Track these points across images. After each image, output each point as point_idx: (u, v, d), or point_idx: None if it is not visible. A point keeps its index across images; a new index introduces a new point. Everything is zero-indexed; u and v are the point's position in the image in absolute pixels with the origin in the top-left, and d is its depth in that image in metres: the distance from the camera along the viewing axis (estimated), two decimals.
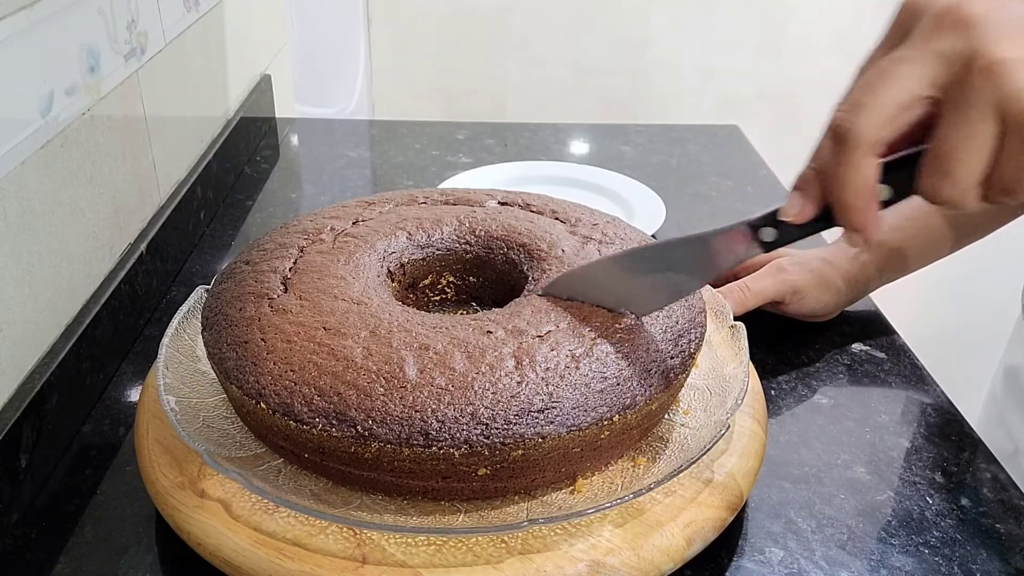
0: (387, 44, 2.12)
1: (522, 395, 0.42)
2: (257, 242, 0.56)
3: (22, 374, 0.54)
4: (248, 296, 0.49)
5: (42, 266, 0.56)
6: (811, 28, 2.10)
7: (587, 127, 1.18)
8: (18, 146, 0.53)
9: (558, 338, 0.45)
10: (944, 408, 0.62)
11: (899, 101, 0.34)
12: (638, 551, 0.44)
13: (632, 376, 0.45)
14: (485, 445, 0.42)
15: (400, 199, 0.61)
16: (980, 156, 0.33)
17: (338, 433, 0.42)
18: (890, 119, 0.34)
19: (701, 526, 0.46)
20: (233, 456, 0.47)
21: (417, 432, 0.41)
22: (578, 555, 0.43)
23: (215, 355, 0.47)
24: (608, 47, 2.12)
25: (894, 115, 0.34)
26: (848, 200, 0.36)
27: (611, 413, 0.44)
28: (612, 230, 0.56)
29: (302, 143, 1.11)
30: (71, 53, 0.60)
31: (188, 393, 0.51)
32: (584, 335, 0.46)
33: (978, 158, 0.33)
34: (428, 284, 0.57)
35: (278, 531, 0.44)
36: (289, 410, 0.43)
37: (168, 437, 0.50)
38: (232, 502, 0.46)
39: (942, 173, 0.34)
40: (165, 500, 0.47)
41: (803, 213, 0.38)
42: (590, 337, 0.46)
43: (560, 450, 0.43)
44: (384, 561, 0.42)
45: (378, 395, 0.42)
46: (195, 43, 0.85)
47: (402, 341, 0.45)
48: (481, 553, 0.43)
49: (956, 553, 0.49)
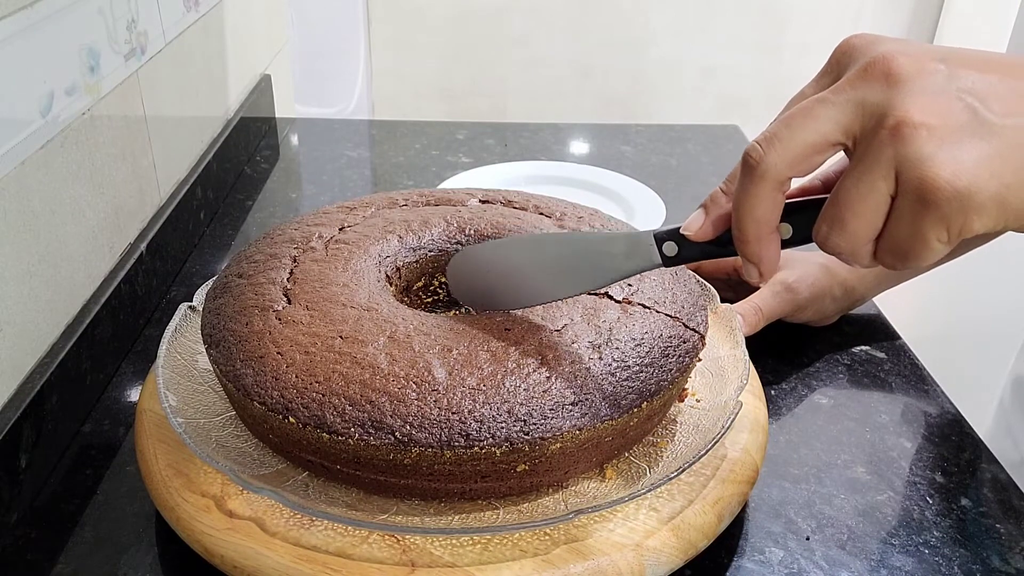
0: (387, 44, 2.12)
1: (553, 389, 0.43)
2: (243, 254, 0.55)
3: (22, 374, 0.54)
4: (251, 310, 0.48)
5: (42, 266, 0.56)
6: (811, 28, 2.11)
7: (587, 127, 1.18)
8: (18, 146, 0.53)
9: (576, 331, 0.46)
10: (944, 408, 0.62)
11: (811, 142, 0.33)
12: (676, 532, 0.45)
13: (652, 362, 0.46)
14: (526, 441, 0.42)
15: (381, 202, 0.60)
16: (874, 213, 0.32)
17: (376, 441, 0.42)
18: (800, 158, 0.34)
19: (728, 502, 0.47)
20: (256, 474, 0.46)
21: (457, 434, 0.42)
22: (621, 540, 0.44)
23: (229, 373, 0.46)
24: (608, 47, 2.13)
25: (805, 155, 0.34)
26: (747, 230, 0.36)
27: (640, 400, 0.45)
28: (597, 222, 0.57)
29: (302, 143, 1.11)
30: (71, 53, 0.60)
31: (194, 414, 0.50)
32: (599, 326, 0.47)
33: (872, 215, 0.32)
34: (421, 286, 0.57)
35: (320, 544, 0.43)
36: (321, 422, 0.42)
37: (180, 460, 0.48)
38: (265, 520, 0.45)
39: (836, 223, 0.33)
40: (191, 526, 0.45)
41: (701, 232, 0.38)
42: (605, 327, 0.47)
43: (594, 440, 0.44)
44: (433, 564, 0.42)
45: (412, 400, 0.42)
46: (195, 43, 0.85)
47: (423, 344, 0.45)
48: (527, 547, 0.43)
49: (956, 553, 0.49)
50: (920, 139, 0.31)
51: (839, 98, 0.33)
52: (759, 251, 0.36)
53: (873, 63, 0.32)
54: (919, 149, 0.31)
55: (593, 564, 0.43)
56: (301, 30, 1.41)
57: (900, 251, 0.33)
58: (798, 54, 2.12)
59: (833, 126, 0.33)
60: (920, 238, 0.32)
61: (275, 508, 0.45)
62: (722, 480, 0.48)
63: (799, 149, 0.34)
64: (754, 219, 0.35)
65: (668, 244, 0.40)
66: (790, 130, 0.34)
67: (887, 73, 0.32)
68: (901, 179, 0.31)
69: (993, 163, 0.31)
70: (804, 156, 0.34)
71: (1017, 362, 0.79)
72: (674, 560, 0.44)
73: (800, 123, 0.34)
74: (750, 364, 0.54)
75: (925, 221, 0.31)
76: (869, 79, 0.32)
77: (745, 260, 0.37)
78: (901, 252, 0.33)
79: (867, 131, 0.32)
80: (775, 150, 0.34)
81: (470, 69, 2.15)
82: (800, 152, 0.34)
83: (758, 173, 0.34)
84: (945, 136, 0.31)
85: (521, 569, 0.42)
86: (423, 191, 0.62)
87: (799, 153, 0.34)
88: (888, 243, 0.33)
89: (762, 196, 0.35)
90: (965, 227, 0.31)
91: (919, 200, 0.31)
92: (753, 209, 0.35)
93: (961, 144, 0.31)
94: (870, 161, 0.32)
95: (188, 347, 0.55)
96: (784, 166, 0.34)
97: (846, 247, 0.34)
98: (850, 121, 0.33)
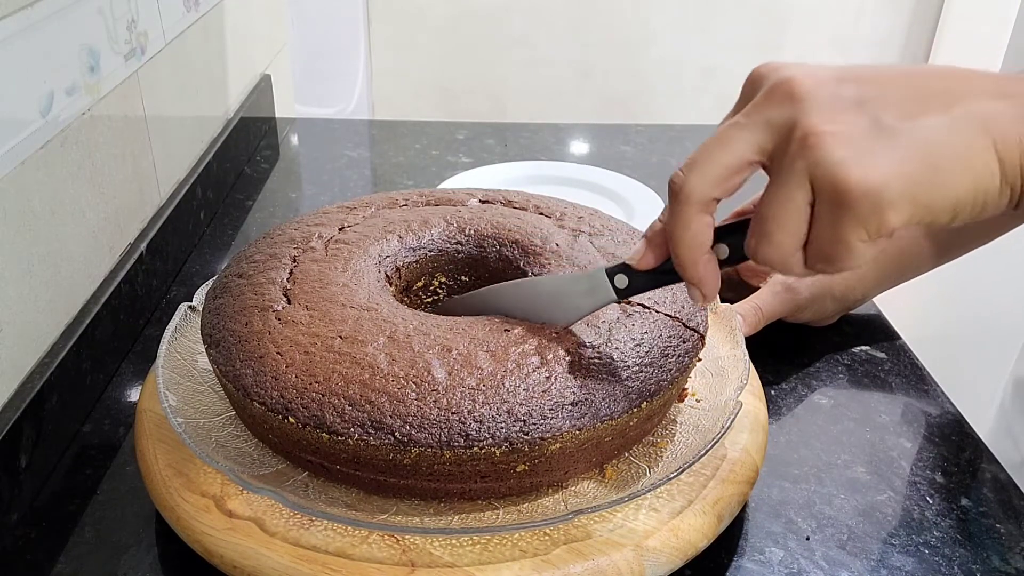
0: (387, 44, 2.12)
1: (553, 390, 0.43)
2: (243, 254, 0.55)
3: (22, 374, 0.54)
4: (251, 310, 0.48)
5: (42, 266, 0.56)
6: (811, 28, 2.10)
7: (587, 127, 1.18)
8: (18, 146, 0.53)
9: (576, 331, 0.46)
10: (944, 408, 0.62)
11: (728, 164, 0.36)
12: (676, 532, 0.45)
13: (652, 363, 0.46)
14: (525, 441, 0.42)
15: (381, 202, 0.60)
16: (796, 221, 0.34)
17: (376, 441, 0.42)
18: (720, 180, 0.36)
19: (728, 502, 0.47)
20: (256, 474, 0.46)
21: (457, 434, 0.42)
22: (621, 540, 0.44)
23: (229, 373, 0.46)
24: (608, 47, 2.13)
25: (724, 176, 0.36)
26: (682, 254, 0.38)
27: (639, 400, 0.45)
28: (598, 222, 0.57)
29: (302, 143, 1.11)
30: (71, 53, 0.60)
31: (194, 414, 0.50)
32: (599, 326, 0.47)
33: (795, 223, 0.34)
34: (421, 286, 0.57)
35: (319, 544, 0.43)
36: (321, 422, 0.43)
37: (180, 461, 0.48)
38: (265, 519, 0.45)
39: (763, 235, 0.35)
40: (190, 526, 0.45)
41: (644, 260, 0.41)
42: (605, 328, 0.47)
43: (594, 441, 0.44)
44: (432, 564, 0.42)
45: (411, 400, 0.42)
46: (195, 43, 0.85)
47: (423, 344, 0.45)
48: (527, 548, 0.43)
49: (956, 553, 0.49)
50: (827, 145, 0.33)
51: (749, 120, 0.35)
52: (697, 273, 0.38)
53: (777, 85, 0.35)
54: (828, 155, 0.33)
55: (593, 564, 0.43)
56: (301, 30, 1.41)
57: (826, 256, 0.34)
58: (798, 54, 2.12)
59: (746, 146, 0.35)
60: (842, 240, 0.34)
61: (275, 508, 0.45)
62: (722, 480, 0.48)
63: (718, 171, 0.36)
64: (686, 243, 0.37)
65: (619, 276, 0.43)
66: (708, 154, 0.36)
67: (790, 92, 0.34)
68: (816, 186, 0.33)
69: (898, 161, 0.32)
70: (723, 177, 0.36)
71: (1018, 363, 0.79)
72: (674, 560, 0.44)
73: (716, 147, 0.36)
74: (750, 364, 0.54)
75: (843, 222, 0.33)
76: (775, 100, 0.35)
77: (687, 283, 0.39)
78: (827, 257, 0.34)
79: (779, 147, 0.34)
80: (695, 174, 0.36)
81: (470, 69, 2.15)
82: (719, 173, 0.36)
83: (682, 197, 0.36)
84: (851, 140, 0.33)
85: (521, 569, 0.42)
86: (423, 191, 0.62)
87: (718, 174, 0.36)
88: (814, 249, 0.35)
89: (689, 219, 0.37)
90: (882, 224, 0.33)
91: (834, 203, 0.33)
92: (683, 232, 0.37)
93: (865, 147, 0.33)
94: (786, 174, 0.34)
95: (188, 347, 0.55)
96: (706, 187, 0.36)
97: (776, 257, 0.35)
98: (762, 140, 0.35)
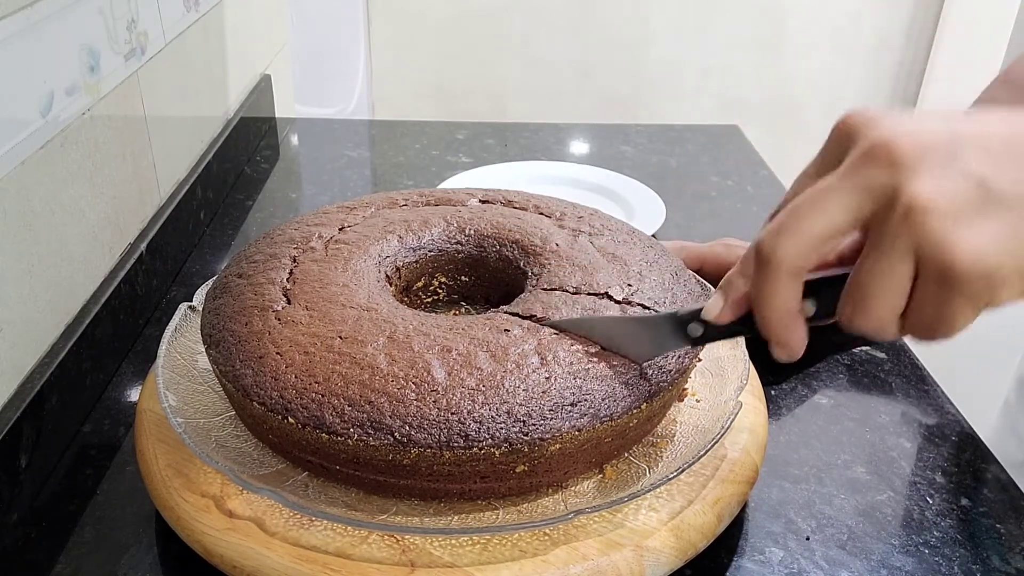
0: (387, 44, 2.12)
1: (552, 390, 0.43)
2: (243, 254, 0.55)
3: (22, 374, 0.54)
4: (251, 310, 0.48)
5: (42, 266, 0.56)
6: (810, 28, 2.10)
7: (587, 127, 1.18)
8: (18, 146, 0.53)
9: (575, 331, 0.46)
10: (944, 408, 0.62)
11: (822, 233, 0.33)
12: (676, 532, 0.45)
13: (652, 364, 0.46)
14: (524, 442, 0.42)
15: (381, 202, 0.60)
16: (896, 294, 0.33)
17: (375, 442, 0.42)
18: (813, 248, 0.34)
19: (728, 502, 0.47)
20: (256, 474, 0.46)
21: (456, 434, 0.42)
22: (621, 540, 0.44)
23: (228, 373, 0.46)
24: (608, 47, 2.12)
25: (816, 245, 0.34)
26: (769, 317, 0.36)
27: (639, 401, 0.45)
28: (598, 222, 0.57)
29: (302, 143, 1.11)
30: (71, 53, 0.60)
31: (193, 414, 0.50)
32: None
33: (894, 296, 0.33)
34: (421, 286, 0.57)
35: (319, 544, 0.43)
36: (321, 423, 0.42)
37: (180, 460, 0.48)
38: (265, 519, 0.45)
39: (860, 305, 0.34)
40: (190, 526, 0.45)
41: (722, 316, 0.39)
42: None
43: (593, 441, 0.44)
44: (432, 564, 0.42)
45: (411, 400, 0.42)
46: (195, 43, 0.85)
47: (422, 345, 0.45)
48: (527, 548, 0.43)
49: (956, 553, 0.49)
50: (934, 222, 0.31)
51: (846, 185, 0.33)
52: (784, 335, 0.36)
53: (873, 148, 0.32)
54: (934, 232, 0.31)
55: (593, 564, 0.43)
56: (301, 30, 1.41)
57: (927, 327, 0.33)
58: (798, 54, 2.12)
59: (843, 214, 0.33)
60: (947, 317, 0.32)
61: (275, 508, 0.45)
62: (722, 480, 0.48)
63: (811, 240, 0.33)
64: (774, 307, 0.35)
65: (693, 326, 0.42)
66: (799, 221, 0.33)
67: (890, 156, 0.32)
68: (922, 263, 0.32)
69: (1010, 236, 0.31)
70: (816, 246, 0.34)
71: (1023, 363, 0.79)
72: (674, 560, 0.44)
73: (808, 213, 0.33)
74: (750, 364, 0.54)
75: (952, 302, 0.32)
76: (873, 163, 0.32)
77: (772, 342, 0.37)
78: (929, 328, 0.33)
79: (878, 216, 0.32)
80: (786, 242, 0.34)
81: (470, 69, 2.15)
82: (812, 243, 0.34)
83: (772, 266, 0.34)
84: (958, 216, 0.31)
85: (520, 569, 0.42)
86: (423, 191, 0.62)
87: (811, 244, 0.34)
88: (915, 321, 0.33)
89: (779, 287, 0.35)
90: (992, 302, 0.32)
91: (943, 283, 0.31)
92: (771, 299, 0.35)
93: (975, 222, 0.31)
94: (886, 247, 0.32)
95: (188, 347, 0.55)
96: (796, 257, 0.34)
97: (871, 327, 0.34)
98: (860, 206, 0.33)
